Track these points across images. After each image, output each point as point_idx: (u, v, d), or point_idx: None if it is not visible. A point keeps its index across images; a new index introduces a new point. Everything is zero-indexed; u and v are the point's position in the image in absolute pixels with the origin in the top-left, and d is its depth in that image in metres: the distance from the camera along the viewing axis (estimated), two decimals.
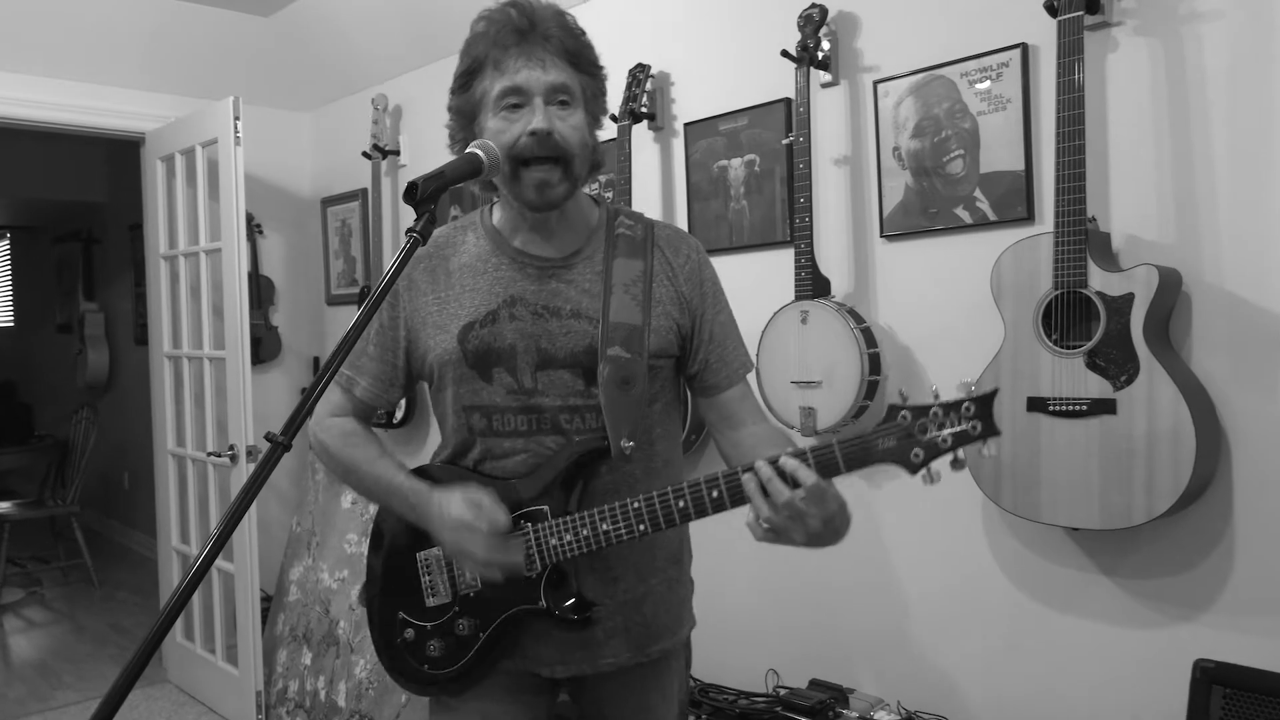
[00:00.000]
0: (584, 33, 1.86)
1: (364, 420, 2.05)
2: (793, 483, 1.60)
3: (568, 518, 1.80)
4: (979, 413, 1.52)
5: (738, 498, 1.67)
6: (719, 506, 1.70)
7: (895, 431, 1.57)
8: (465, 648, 1.91)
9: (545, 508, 1.83)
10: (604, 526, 1.77)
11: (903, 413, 1.56)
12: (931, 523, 3.15)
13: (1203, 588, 2.62)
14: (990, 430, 1.52)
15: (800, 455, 1.61)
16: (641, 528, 1.75)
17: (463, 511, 1.77)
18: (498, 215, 1.98)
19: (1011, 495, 2.69)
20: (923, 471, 1.56)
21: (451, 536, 1.79)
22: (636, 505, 1.75)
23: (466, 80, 1.84)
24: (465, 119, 1.87)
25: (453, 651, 1.92)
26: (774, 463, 1.62)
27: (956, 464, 1.55)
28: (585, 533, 1.78)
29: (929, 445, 1.55)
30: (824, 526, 1.63)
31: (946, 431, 1.54)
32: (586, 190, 2.00)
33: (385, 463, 1.95)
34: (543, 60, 1.78)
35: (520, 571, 1.82)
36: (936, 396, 1.56)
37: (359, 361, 1.99)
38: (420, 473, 1.97)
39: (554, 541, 1.81)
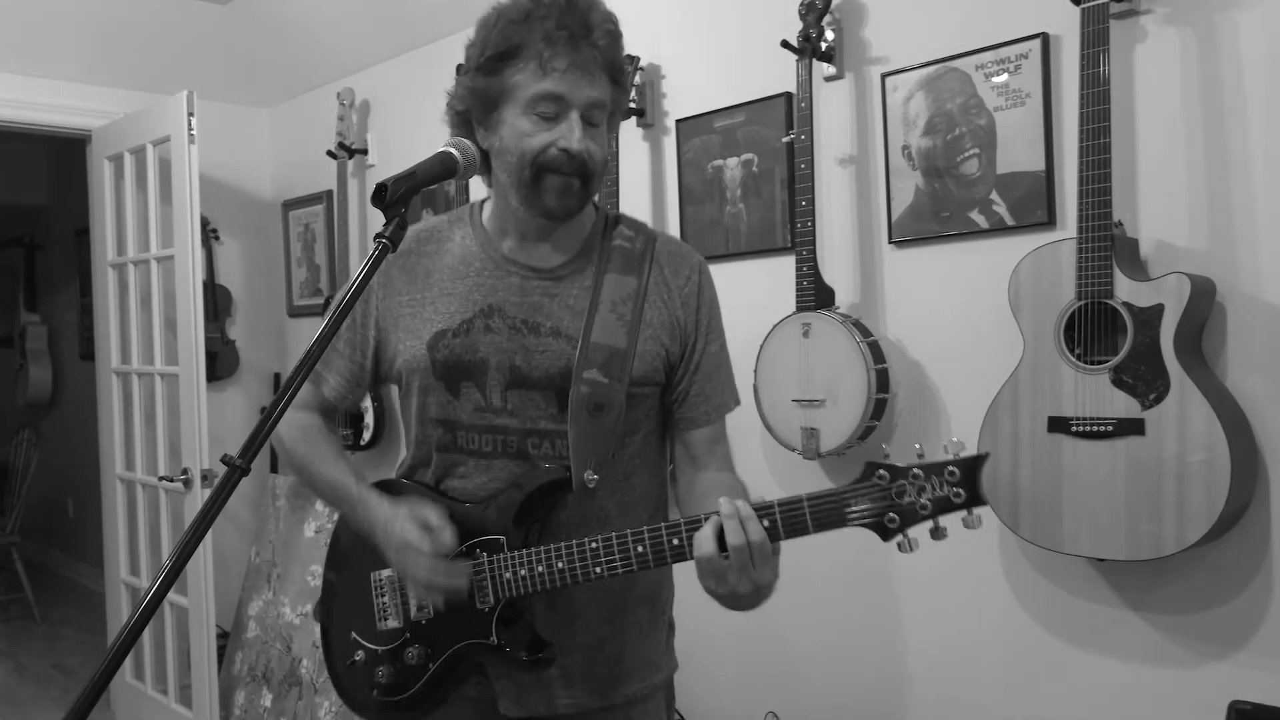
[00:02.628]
0: (622, 35, 1.85)
1: (326, 417, 2.07)
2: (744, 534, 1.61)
3: (524, 551, 1.80)
4: (964, 479, 1.53)
5: None
6: (679, 556, 1.70)
7: (870, 492, 1.57)
8: (414, 677, 1.91)
9: (502, 538, 1.83)
10: (559, 565, 1.77)
11: (880, 472, 1.56)
12: (943, 553, 3.11)
13: (1239, 623, 2.61)
14: (975, 499, 1.52)
15: (764, 507, 1.62)
16: (598, 570, 1.74)
17: (408, 529, 1.79)
18: (488, 212, 1.98)
19: (1031, 523, 2.67)
20: (898, 538, 1.56)
21: (396, 554, 1.81)
22: (594, 545, 1.74)
23: (497, 64, 1.79)
24: (487, 104, 1.83)
25: (401, 680, 1.92)
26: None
27: (936, 533, 1.54)
28: (540, 569, 1.78)
29: (906, 511, 1.55)
30: (751, 593, 1.64)
31: (926, 497, 1.54)
32: None
33: (341, 465, 1.98)
34: (591, 74, 1.78)
35: (462, 597, 1.82)
36: (920, 456, 1.56)
37: (329, 357, 2.00)
38: (382, 486, 1.98)
39: (508, 575, 1.81)
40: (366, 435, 5.03)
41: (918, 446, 1.59)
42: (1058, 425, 2.60)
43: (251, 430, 1.43)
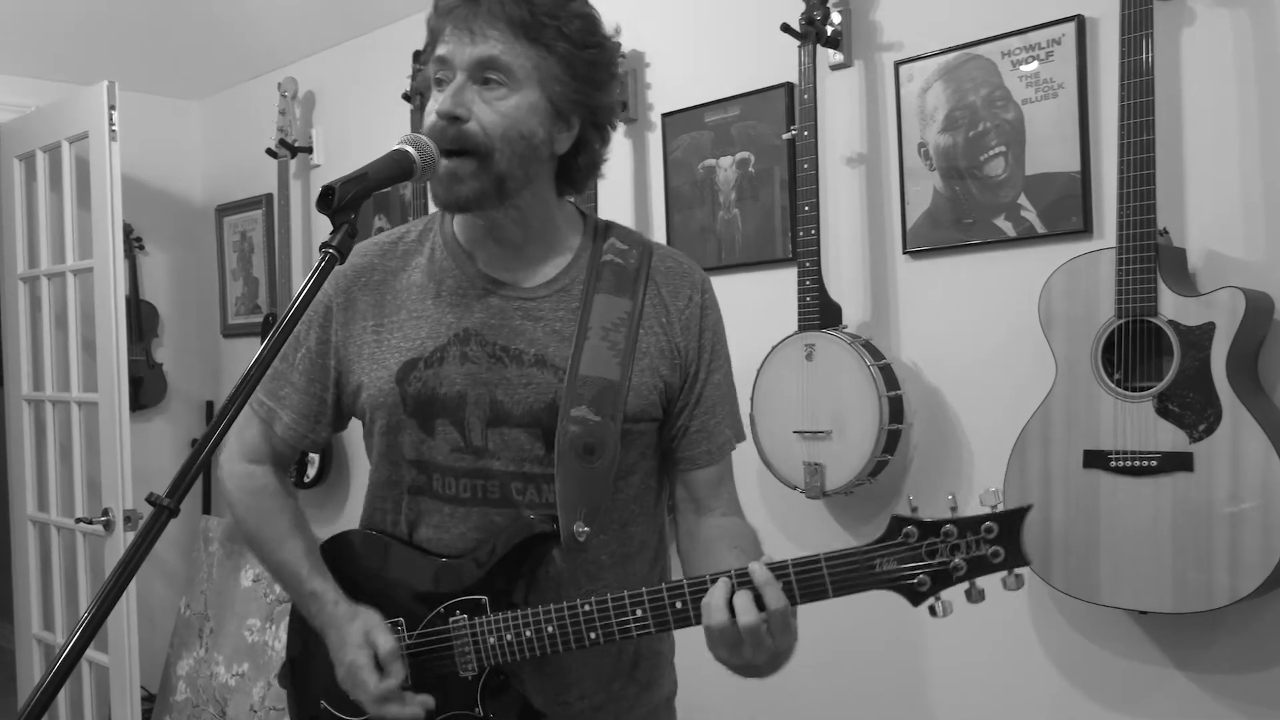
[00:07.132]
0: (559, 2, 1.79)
1: (281, 466, 2.06)
2: (760, 604, 1.59)
3: (510, 614, 1.79)
4: (1002, 535, 1.52)
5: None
6: (683, 620, 1.69)
7: (898, 552, 1.56)
8: None
9: (484, 598, 1.82)
10: (549, 630, 1.76)
11: (908, 528, 1.56)
12: (967, 604, 3.10)
13: None
14: (1016, 559, 1.52)
15: (779, 568, 1.60)
16: (592, 636, 1.74)
17: (360, 657, 1.79)
18: (458, 221, 1.96)
19: (1064, 571, 2.67)
20: (929, 601, 1.56)
21: (344, 673, 1.83)
22: (587, 609, 1.74)
23: (424, 57, 1.84)
24: (422, 102, 1.86)
25: None
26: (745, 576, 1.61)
27: (972, 595, 1.55)
28: (528, 634, 1.78)
29: (938, 573, 1.55)
30: (768, 661, 1.65)
31: (960, 557, 1.54)
32: (572, 201, 2.00)
33: (294, 545, 1.96)
34: (473, 30, 1.73)
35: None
36: (954, 509, 1.56)
37: (281, 392, 1.98)
38: (338, 542, 1.99)
39: (492, 641, 1.80)
40: (311, 472, 4.99)
41: (950, 497, 1.59)
42: (1095, 460, 2.60)
43: (181, 466, 1.41)
